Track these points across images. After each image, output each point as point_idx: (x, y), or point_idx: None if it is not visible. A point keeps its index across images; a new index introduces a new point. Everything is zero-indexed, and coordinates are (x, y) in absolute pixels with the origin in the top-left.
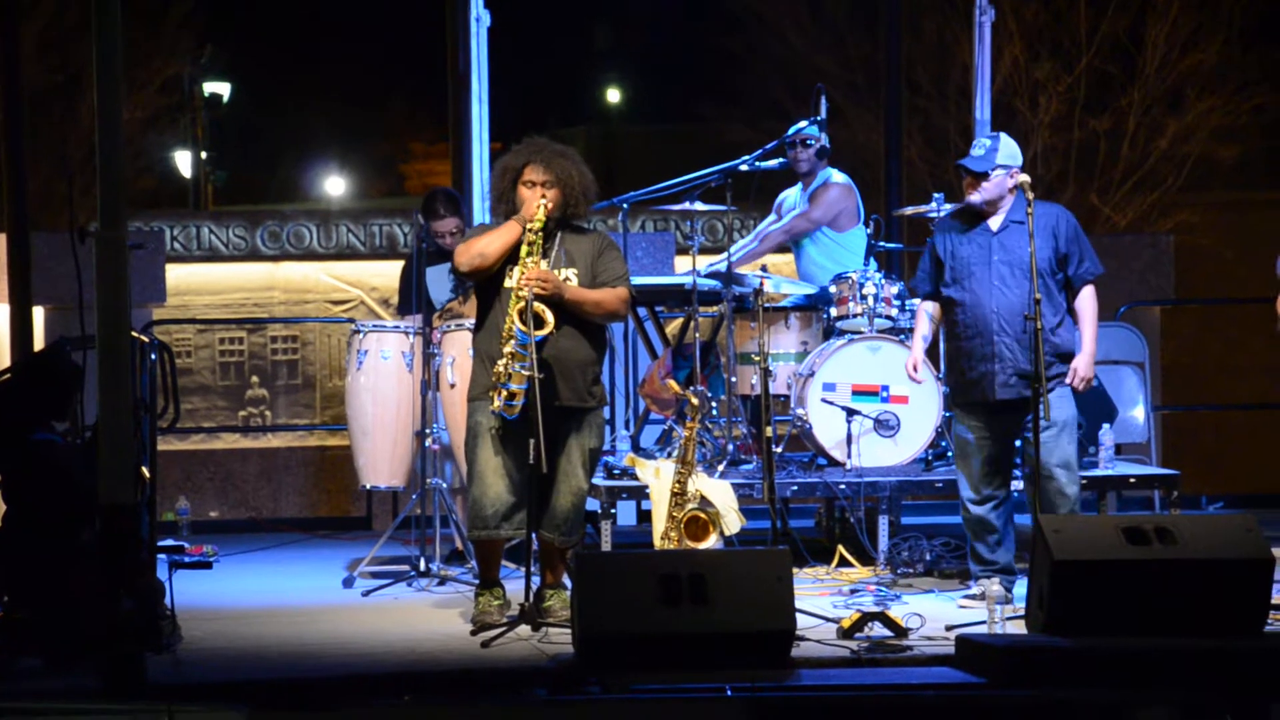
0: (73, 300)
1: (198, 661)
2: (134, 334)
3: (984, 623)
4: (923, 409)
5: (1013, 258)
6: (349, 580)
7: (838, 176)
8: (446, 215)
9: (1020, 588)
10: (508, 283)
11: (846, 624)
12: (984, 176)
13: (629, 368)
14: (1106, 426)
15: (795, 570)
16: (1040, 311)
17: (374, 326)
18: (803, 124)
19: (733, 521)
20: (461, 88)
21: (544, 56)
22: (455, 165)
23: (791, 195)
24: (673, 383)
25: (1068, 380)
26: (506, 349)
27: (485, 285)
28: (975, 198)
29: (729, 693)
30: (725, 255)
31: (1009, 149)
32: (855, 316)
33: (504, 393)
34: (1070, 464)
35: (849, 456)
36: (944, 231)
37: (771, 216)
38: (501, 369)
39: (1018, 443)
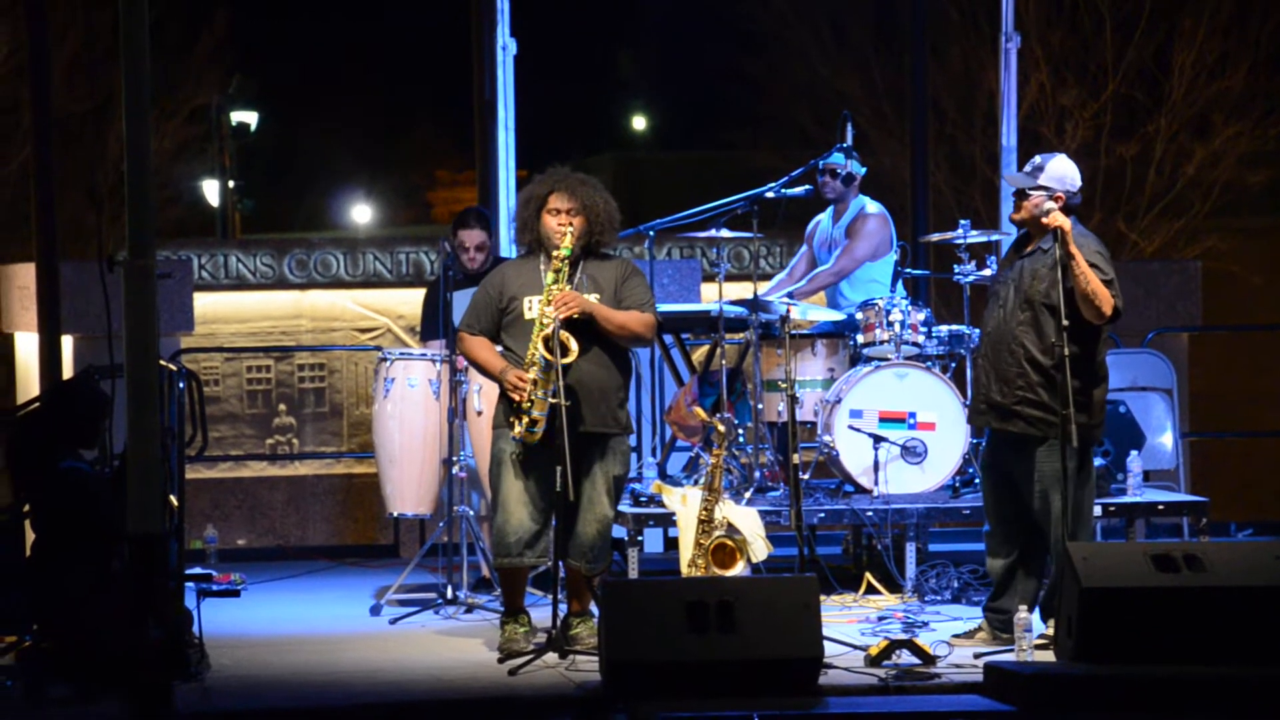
0: (101, 329)
1: (225, 690)
2: (162, 362)
3: (1012, 650)
4: (950, 436)
5: (1022, 283)
6: (376, 608)
7: (872, 206)
8: (475, 226)
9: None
10: (529, 314)
11: (874, 651)
12: (1023, 194)
13: (655, 395)
14: (1135, 453)
15: (822, 597)
16: (1024, 343)
17: (401, 354)
18: (829, 154)
19: (760, 549)
20: (488, 115)
21: (570, 84)
22: (482, 193)
23: (822, 222)
24: (699, 409)
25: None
26: (530, 375)
27: (507, 319)
28: (1013, 216)
29: None
30: (767, 293)
31: (1057, 170)
32: (882, 343)
33: (525, 419)
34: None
35: (876, 483)
36: (1007, 253)
37: (803, 248)
38: (522, 395)
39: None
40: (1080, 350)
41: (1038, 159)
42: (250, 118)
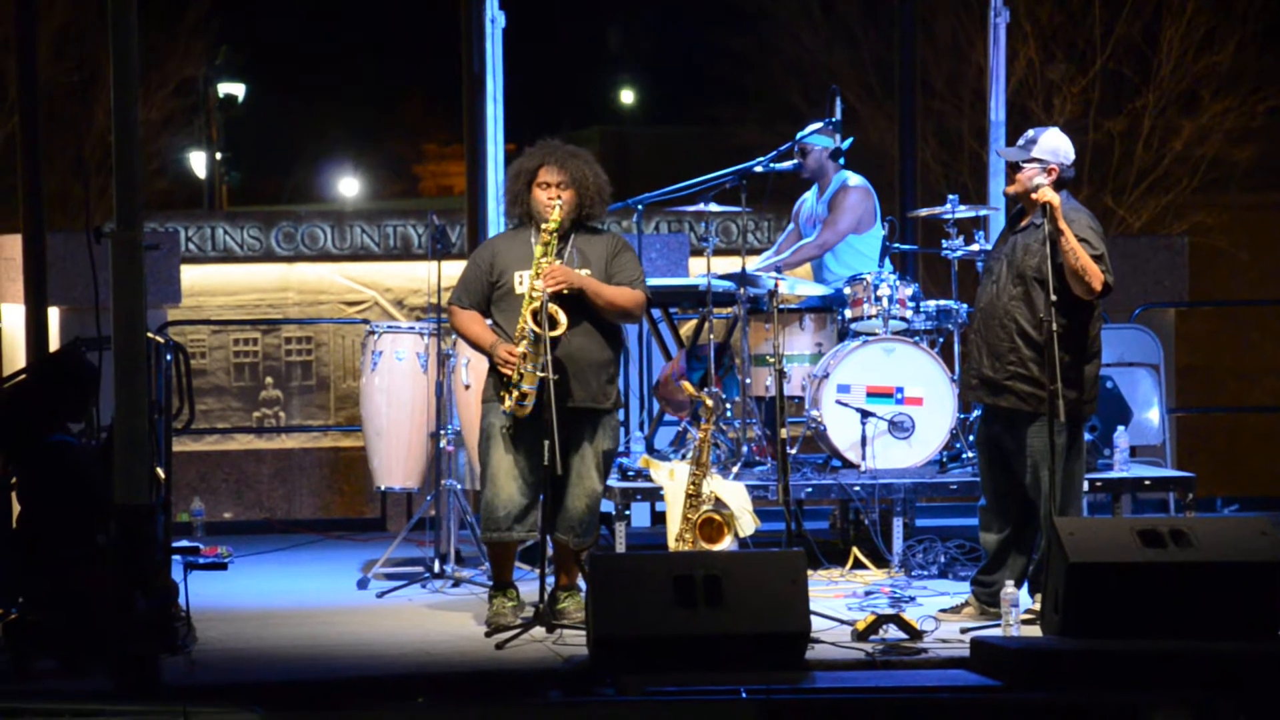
0: (88, 301)
1: (212, 662)
2: (149, 335)
3: (999, 625)
4: (937, 411)
5: (1015, 258)
6: (363, 581)
7: (854, 179)
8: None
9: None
10: (518, 289)
11: (861, 626)
12: (1016, 168)
13: (643, 369)
14: (1121, 429)
15: (810, 572)
16: (1015, 318)
17: (389, 328)
18: (810, 130)
19: (747, 523)
20: (476, 89)
21: (558, 58)
22: (470, 166)
23: (808, 200)
24: (687, 384)
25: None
26: (519, 349)
27: (497, 293)
28: (1007, 189)
29: (743, 695)
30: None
31: (1050, 144)
32: (870, 318)
33: (515, 393)
34: (1059, 502)
35: (863, 458)
36: (1003, 229)
37: (790, 225)
38: (513, 369)
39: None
40: (1072, 325)
41: (1031, 132)
42: (238, 90)
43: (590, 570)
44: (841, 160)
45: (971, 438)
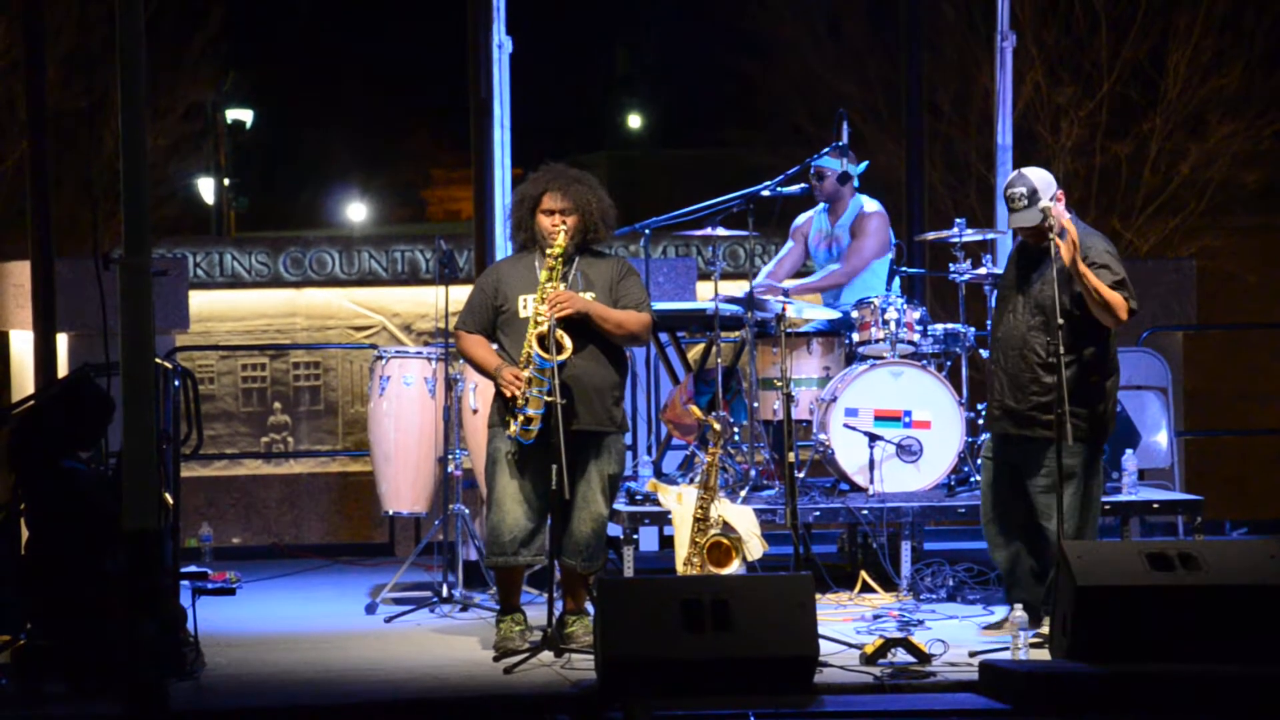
0: (96, 327)
1: (220, 688)
2: (157, 360)
3: (1008, 648)
4: (945, 434)
5: (1030, 288)
6: (372, 606)
7: (870, 204)
8: None
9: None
10: (523, 313)
11: (869, 650)
12: (1039, 225)
13: (651, 393)
14: (1129, 452)
15: (818, 596)
16: (1035, 349)
17: (396, 352)
18: (821, 154)
19: (755, 547)
20: (483, 114)
21: (566, 82)
22: (477, 191)
23: (817, 220)
24: (695, 408)
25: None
26: (524, 374)
27: (502, 318)
28: (1063, 255)
29: (751, 719)
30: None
31: (1041, 180)
32: (877, 342)
33: (520, 418)
34: (1076, 524)
35: (871, 482)
36: (1010, 256)
37: (789, 244)
38: (518, 394)
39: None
40: (1092, 349)
41: (1020, 188)
42: (245, 115)
43: (598, 594)
44: (856, 184)
45: (979, 461)
